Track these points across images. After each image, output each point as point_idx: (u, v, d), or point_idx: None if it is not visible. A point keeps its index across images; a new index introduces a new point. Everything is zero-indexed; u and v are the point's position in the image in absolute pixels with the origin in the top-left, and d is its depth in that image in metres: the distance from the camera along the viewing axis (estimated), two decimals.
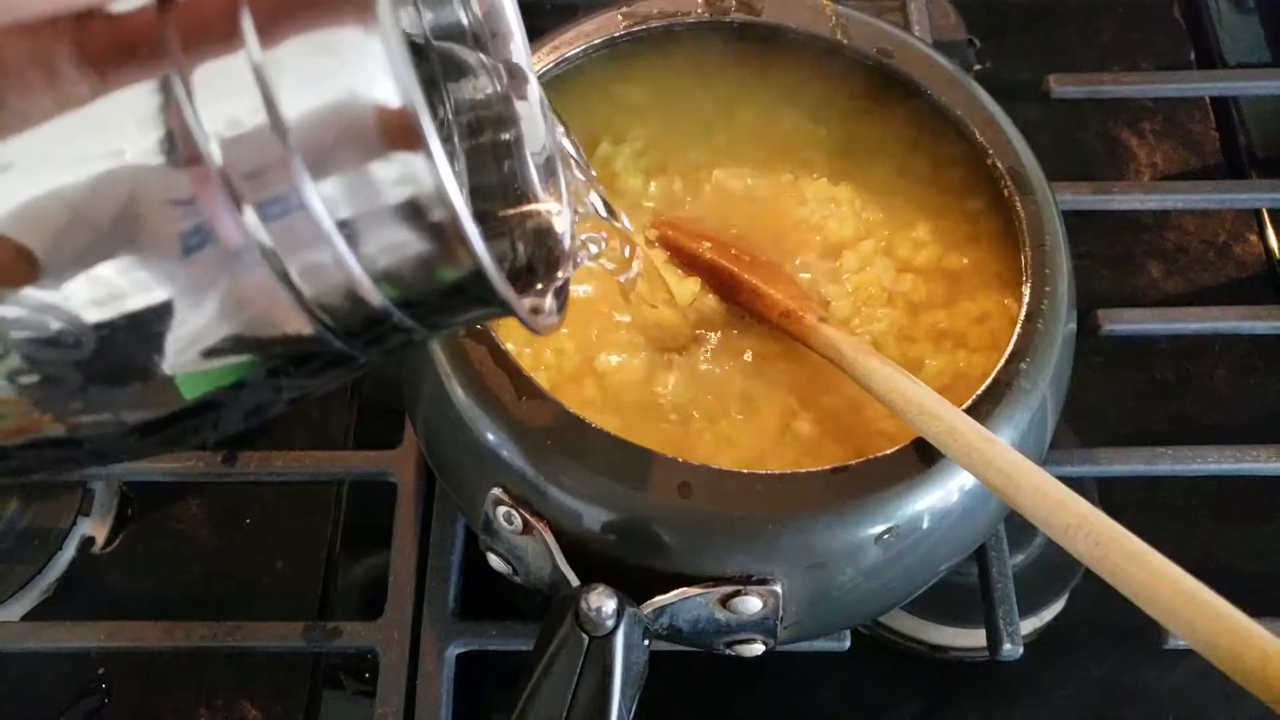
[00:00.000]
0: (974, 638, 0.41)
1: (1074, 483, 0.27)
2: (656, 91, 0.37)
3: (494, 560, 0.32)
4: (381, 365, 0.46)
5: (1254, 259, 0.47)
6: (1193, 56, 0.52)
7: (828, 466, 0.28)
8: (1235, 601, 0.22)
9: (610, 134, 0.37)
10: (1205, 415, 0.44)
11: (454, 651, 0.36)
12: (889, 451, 0.29)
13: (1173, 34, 0.52)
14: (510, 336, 0.32)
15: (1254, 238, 0.47)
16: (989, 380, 0.30)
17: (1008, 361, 0.30)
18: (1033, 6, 0.49)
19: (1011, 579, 0.37)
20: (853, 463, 0.28)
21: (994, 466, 0.26)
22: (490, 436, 0.30)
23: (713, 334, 0.34)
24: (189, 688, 0.41)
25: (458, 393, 0.30)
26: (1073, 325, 0.32)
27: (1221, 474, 0.38)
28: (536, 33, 0.36)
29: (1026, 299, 0.31)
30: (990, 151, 0.33)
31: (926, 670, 0.41)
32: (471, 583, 0.38)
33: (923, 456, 0.29)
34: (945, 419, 0.28)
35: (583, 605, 0.26)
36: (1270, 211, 0.47)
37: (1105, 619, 0.41)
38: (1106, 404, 0.44)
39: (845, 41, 0.35)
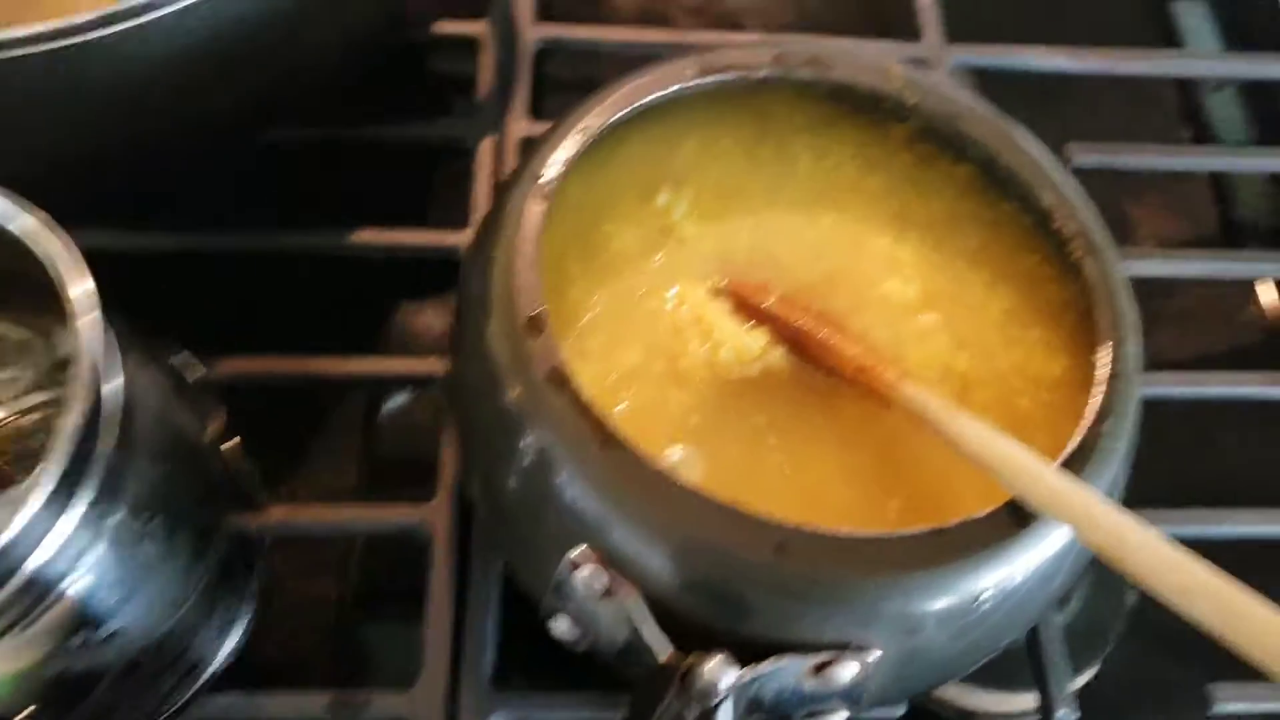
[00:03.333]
0: (1002, 702, 0.40)
1: None
2: (720, 141, 0.37)
3: (558, 626, 0.30)
4: (396, 415, 0.45)
5: (1256, 325, 0.48)
6: (1188, 136, 0.54)
7: (926, 528, 0.28)
8: None
9: (670, 181, 0.37)
10: (1219, 480, 0.45)
11: None
12: (985, 513, 0.28)
13: (1168, 112, 0.54)
14: (590, 384, 0.31)
15: (1255, 307, 0.49)
16: (1076, 442, 0.29)
17: (1094, 423, 0.30)
18: (1040, 81, 0.51)
19: (1063, 642, 0.37)
20: (951, 524, 0.28)
21: (1103, 528, 0.26)
22: (572, 492, 0.28)
23: (782, 389, 0.33)
24: None
25: (535, 444, 0.29)
26: (1138, 388, 0.32)
27: (1251, 537, 0.39)
28: (597, 83, 0.35)
29: (1109, 359, 0.31)
30: (1057, 215, 0.33)
31: None
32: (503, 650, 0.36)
33: (1017, 518, 0.28)
34: (1046, 480, 0.27)
35: (701, 674, 0.25)
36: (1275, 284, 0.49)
37: (1141, 684, 0.41)
38: None
39: (912, 102, 0.35)
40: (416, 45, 0.49)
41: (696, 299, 0.35)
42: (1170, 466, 0.45)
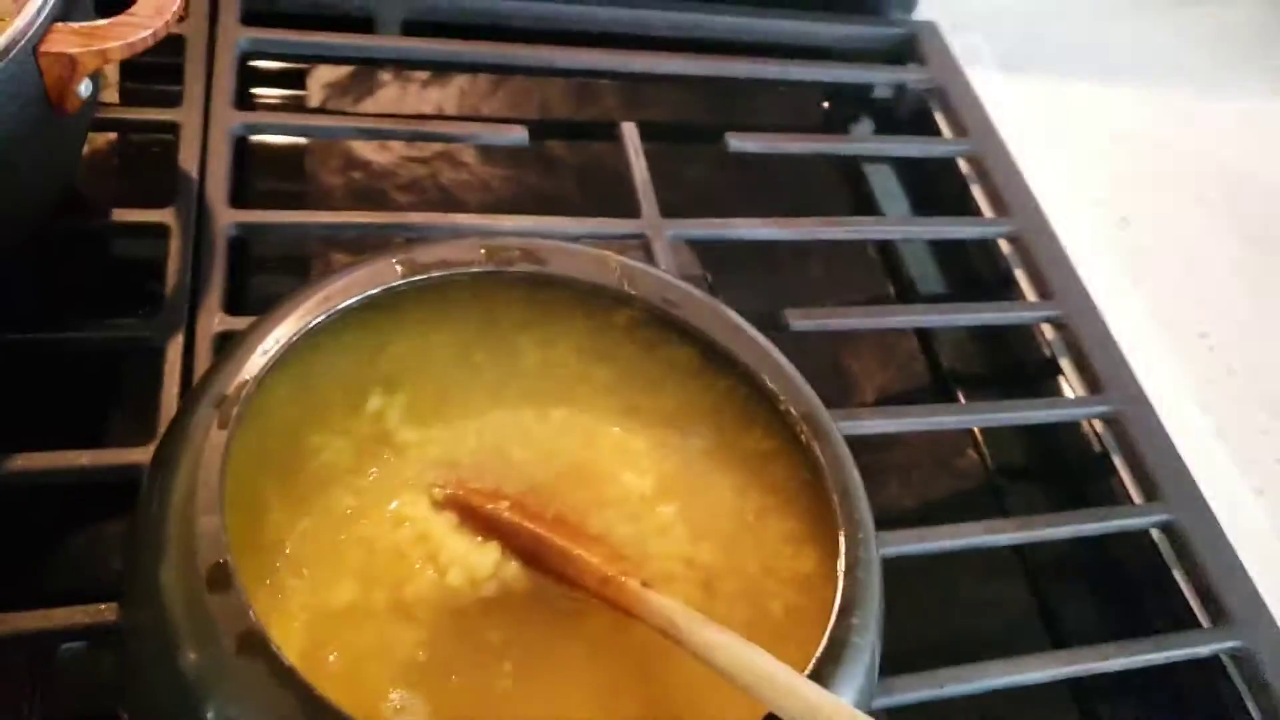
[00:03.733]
0: None
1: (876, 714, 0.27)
2: (436, 337, 0.34)
3: None
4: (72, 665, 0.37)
5: (975, 472, 0.51)
6: (891, 289, 0.58)
7: None
8: None
9: (381, 385, 0.33)
10: (963, 629, 0.46)
11: None
12: None
13: (871, 268, 0.58)
14: (287, 641, 0.27)
15: (971, 453, 0.51)
16: (825, 642, 0.28)
17: (839, 619, 0.29)
18: (754, 247, 0.53)
19: None
20: None
21: None
22: None
23: (521, 609, 0.31)
24: None
25: None
26: (879, 568, 0.32)
27: (1004, 688, 0.40)
28: (308, 262, 0.32)
29: (844, 549, 0.30)
30: (782, 399, 0.33)
31: None
32: None
33: None
34: (802, 694, 0.26)
35: None
36: (982, 430, 0.52)
37: None
38: None
39: (632, 292, 0.34)
40: (100, 230, 0.44)
41: (419, 515, 0.32)
42: (913, 622, 0.45)
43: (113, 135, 0.47)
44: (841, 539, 0.30)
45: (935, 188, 0.62)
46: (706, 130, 0.55)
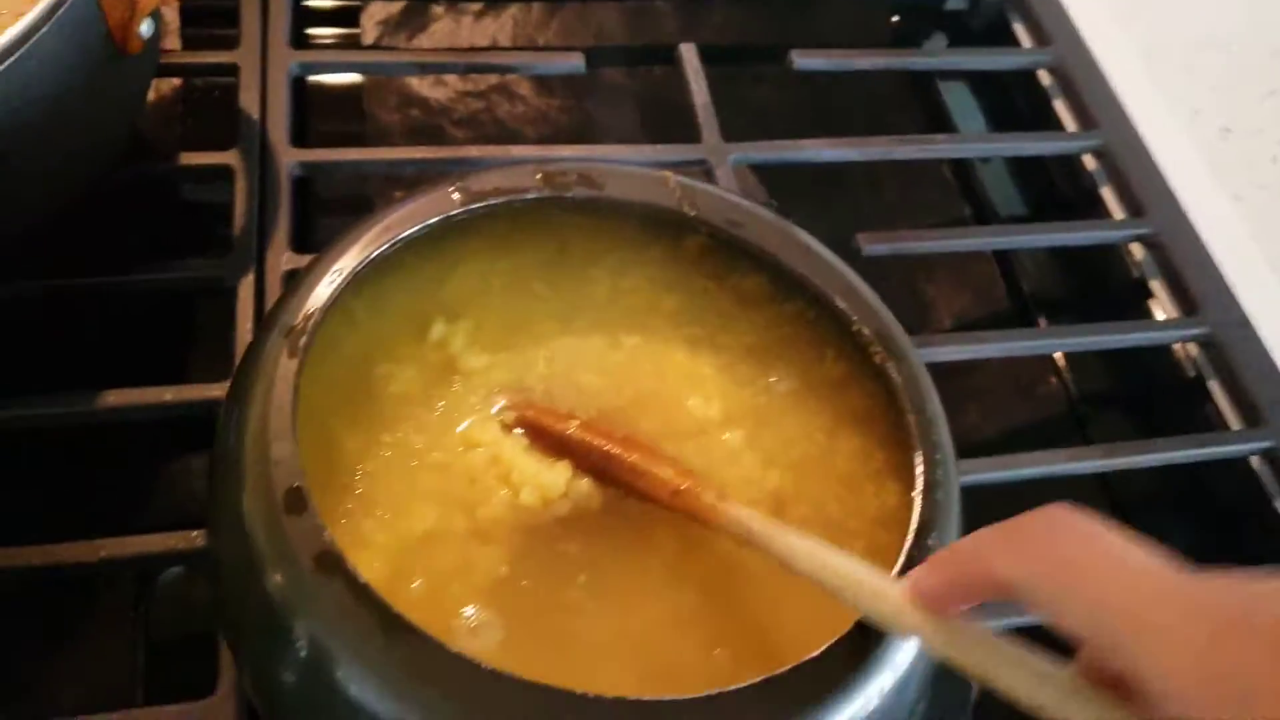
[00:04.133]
0: None
1: None
2: (496, 266, 0.34)
3: None
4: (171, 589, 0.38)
5: (1057, 399, 0.49)
6: (968, 212, 0.55)
7: (759, 678, 0.25)
8: None
9: (444, 313, 0.33)
10: None
11: None
12: (827, 646, 0.26)
13: (946, 190, 0.56)
14: (376, 557, 0.27)
15: (1053, 379, 0.50)
16: (902, 560, 0.28)
17: (916, 539, 0.28)
18: (822, 170, 0.51)
19: None
20: (790, 667, 0.25)
21: (965, 647, 0.24)
22: (357, 690, 0.24)
23: (594, 526, 0.30)
24: None
25: (308, 636, 0.25)
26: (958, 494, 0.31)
27: None
28: (369, 200, 0.32)
29: (922, 470, 0.29)
30: (855, 319, 0.32)
31: None
32: None
33: (865, 640, 0.26)
34: (892, 596, 0.25)
35: None
36: (1065, 356, 0.50)
37: None
38: None
39: (693, 214, 0.33)
40: (168, 175, 0.44)
41: (489, 438, 0.32)
42: None
43: (176, 81, 0.48)
44: (919, 460, 0.30)
45: (1014, 103, 0.59)
46: (769, 49, 0.53)
